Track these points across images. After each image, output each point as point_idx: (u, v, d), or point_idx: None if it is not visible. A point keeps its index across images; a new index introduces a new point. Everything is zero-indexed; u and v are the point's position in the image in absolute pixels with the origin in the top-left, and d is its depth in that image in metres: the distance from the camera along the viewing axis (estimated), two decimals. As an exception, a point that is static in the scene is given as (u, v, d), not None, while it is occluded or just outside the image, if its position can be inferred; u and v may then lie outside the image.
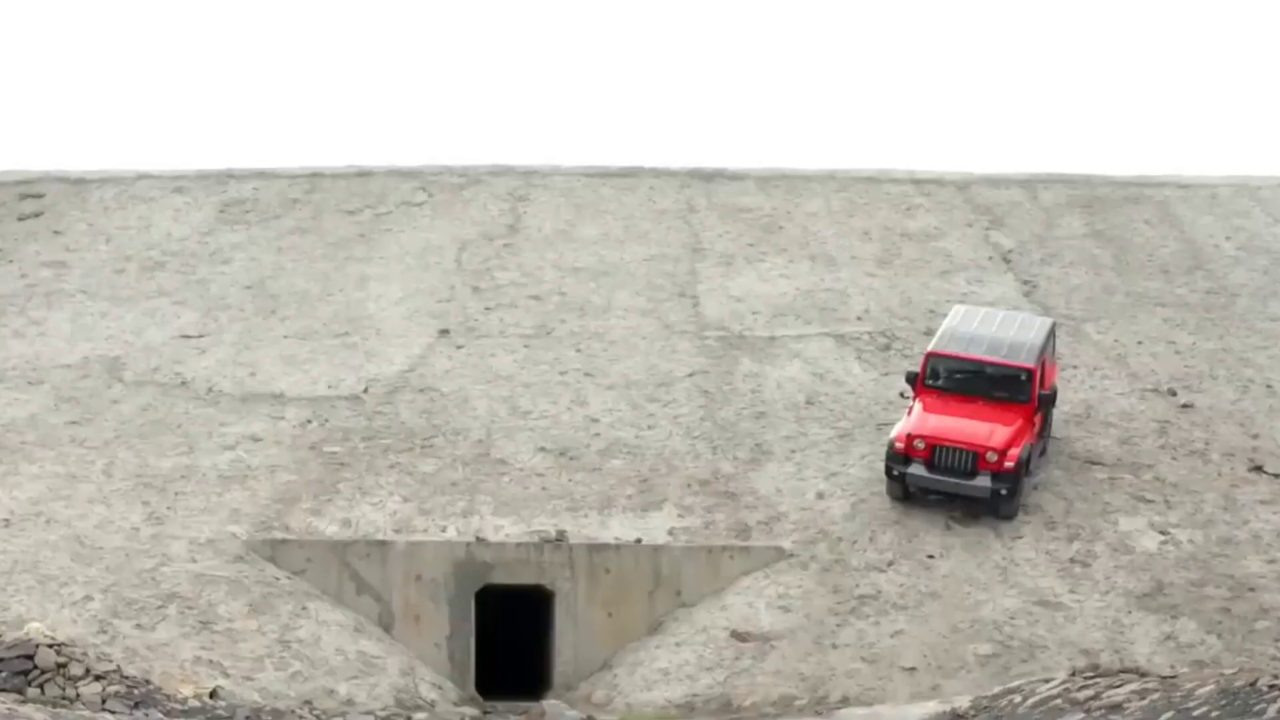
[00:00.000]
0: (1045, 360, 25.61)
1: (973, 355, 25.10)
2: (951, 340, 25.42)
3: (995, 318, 26.38)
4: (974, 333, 25.54)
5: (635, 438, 26.65)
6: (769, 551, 23.73)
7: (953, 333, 25.66)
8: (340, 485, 24.94)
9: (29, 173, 37.82)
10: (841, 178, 38.56)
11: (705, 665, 22.05)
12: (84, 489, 24.51)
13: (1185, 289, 33.60)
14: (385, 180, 37.58)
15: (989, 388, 24.90)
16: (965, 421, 24.40)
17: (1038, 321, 26.58)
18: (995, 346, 25.21)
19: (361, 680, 21.67)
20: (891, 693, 21.00)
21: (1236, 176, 39.70)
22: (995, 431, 24.24)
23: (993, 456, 24.00)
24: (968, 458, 24.09)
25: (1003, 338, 25.41)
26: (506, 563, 23.75)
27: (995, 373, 24.92)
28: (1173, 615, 22.47)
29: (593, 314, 31.50)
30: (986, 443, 24.07)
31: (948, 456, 24.16)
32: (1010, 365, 24.88)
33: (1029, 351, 25.11)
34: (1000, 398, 24.78)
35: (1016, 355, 25.01)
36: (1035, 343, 25.41)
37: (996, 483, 24.01)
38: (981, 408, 24.68)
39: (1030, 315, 27.54)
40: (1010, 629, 22.18)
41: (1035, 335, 25.66)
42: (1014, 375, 24.83)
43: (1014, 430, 24.34)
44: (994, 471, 24.02)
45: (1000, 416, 24.51)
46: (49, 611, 21.19)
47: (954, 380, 25.11)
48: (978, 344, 25.27)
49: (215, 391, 27.80)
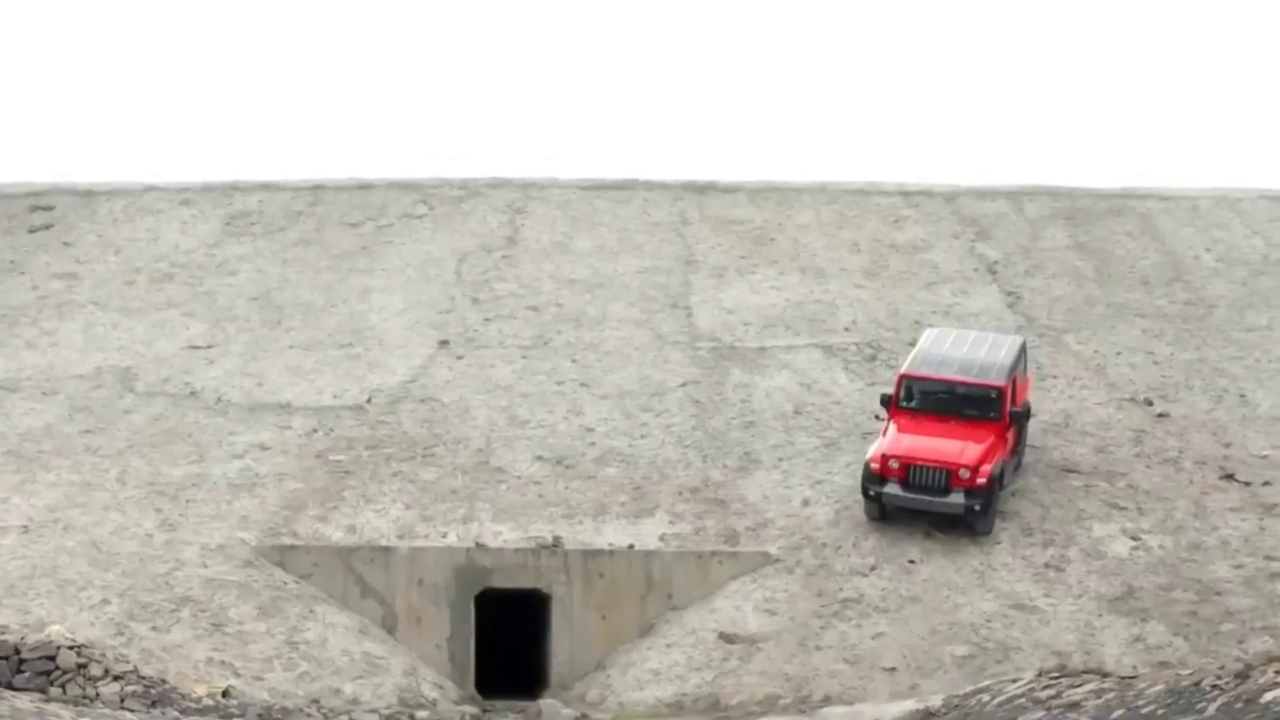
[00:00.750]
0: (1016, 378, 26.26)
1: (944, 376, 25.71)
2: (924, 362, 26.05)
3: (967, 339, 27.00)
4: (945, 354, 26.16)
5: (629, 447, 27.60)
6: (756, 557, 24.66)
7: (925, 355, 26.29)
8: (345, 493, 25.89)
9: (38, 185, 38.76)
10: (832, 190, 39.52)
11: (694, 666, 22.99)
12: (99, 496, 25.45)
13: (1165, 300, 34.53)
14: (386, 193, 38.55)
15: (961, 407, 25.50)
16: (938, 440, 25.00)
17: (1008, 341, 27.21)
18: (966, 367, 25.83)
19: (366, 680, 22.59)
20: (872, 692, 21.94)
21: (1217, 189, 40.64)
22: (967, 449, 24.84)
23: (965, 474, 24.58)
24: (941, 475, 24.66)
25: (973, 358, 26.03)
26: (505, 567, 24.59)
27: (967, 392, 25.52)
28: (1142, 618, 23.42)
29: (588, 325, 32.44)
30: (959, 460, 24.67)
31: (922, 475, 24.72)
32: (981, 384, 25.50)
33: (999, 371, 25.75)
34: (972, 416, 25.38)
35: (987, 375, 25.64)
36: (1005, 362, 26.04)
37: (970, 499, 24.61)
38: (954, 426, 25.28)
39: (1001, 335, 28.14)
40: (986, 631, 23.15)
41: (1005, 355, 26.29)
42: (985, 394, 25.44)
43: (986, 447, 24.97)
44: (967, 488, 24.59)
45: (972, 434, 25.11)
46: (68, 615, 22.11)
47: (927, 401, 25.68)
48: (949, 365, 25.90)
49: (224, 401, 28.75)
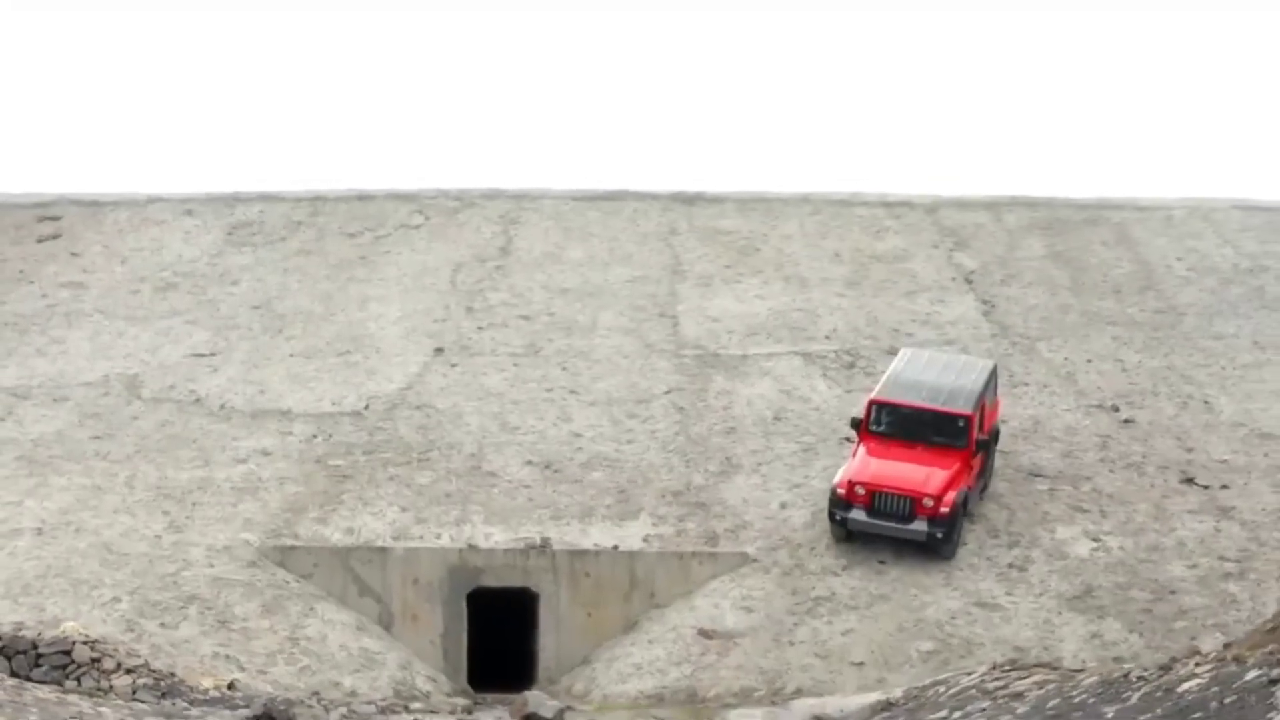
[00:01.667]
0: (984, 404, 26.70)
1: (912, 403, 26.08)
2: (894, 387, 26.47)
3: (938, 362, 27.41)
4: (916, 379, 26.56)
5: (615, 452, 28.81)
6: (735, 557, 25.84)
7: (896, 379, 26.73)
8: (344, 496, 27.08)
9: (46, 195, 39.98)
10: (816, 200, 40.73)
11: (674, 660, 24.19)
12: (109, 500, 26.66)
13: (1136, 308, 35.72)
14: (384, 203, 39.76)
15: (929, 433, 25.82)
16: (904, 467, 25.37)
17: (979, 365, 27.65)
18: (935, 394, 26.21)
19: (364, 674, 23.78)
20: (841, 685, 23.12)
21: (1191, 199, 41.84)
22: (932, 477, 25.24)
23: (929, 502, 25.04)
24: (905, 503, 25.12)
25: (942, 384, 26.39)
26: (495, 567, 25.69)
27: (934, 419, 25.88)
28: (1099, 615, 24.63)
29: (578, 333, 33.64)
30: (923, 489, 25.10)
31: (886, 502, 25.20)
32: (948, 412, 25.89)
33: (966, 398, 26.13)
34: (940, 442, 25.72)
35: (954, 402, 26.02)
36: (974, 389, 26.43)
37: (933, 527, 25.09)
38: (921, 453, 25.64)
39: (973, 359, 28.55)
40: (951, 628, 24.36)
41: (975, 381, 26.70)
42: (952, 421, 25.84)
43: (950, 475, 25.37)
44: (930, 516, 25.09)
45: (938, 461, 25.50)
46: (81, 612, 23.29)
47: (896, 425, 26.03)
48: (918, 391, 26.27)
49: (227, 408, 29.95)
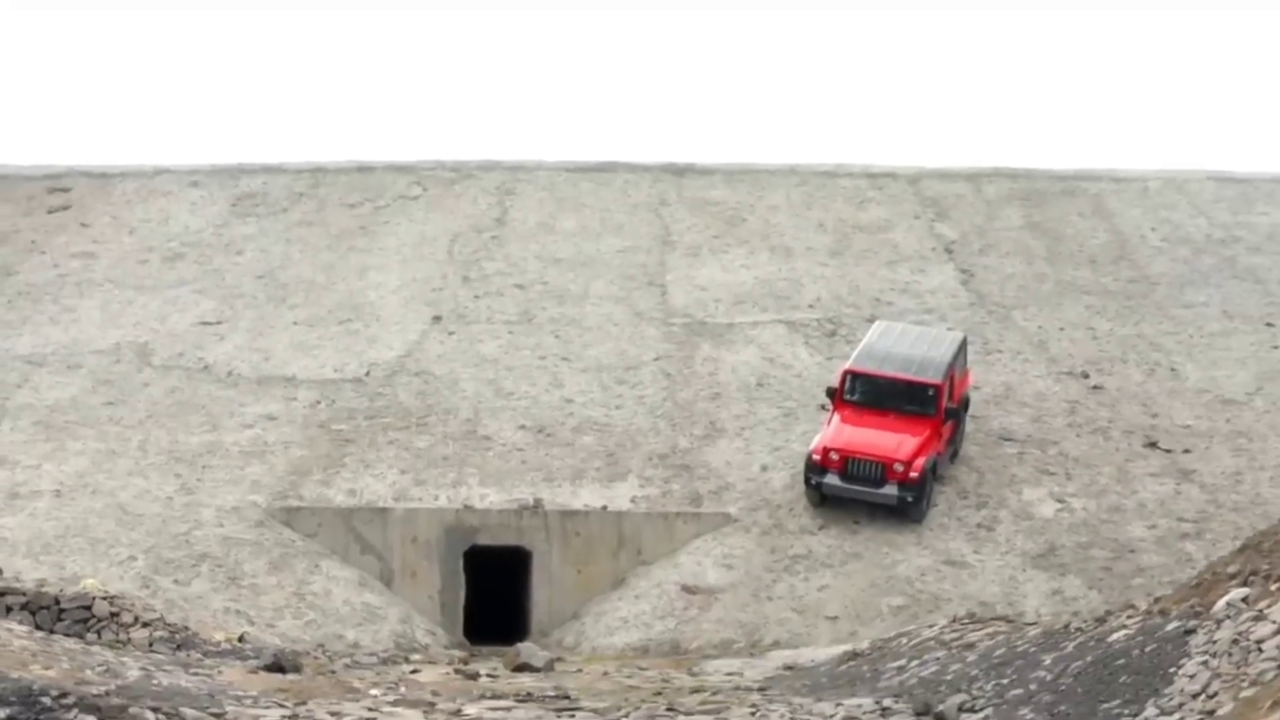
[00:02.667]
0: (954, 374, 27.97)
1: (885, 373, 27.35)
2: (867, 358, 27.76)
3: (910, 334, 28.67)
4: (888, 350, 27.81)
5: (604, 416, 30.15)
6: (717, 517, 27.20)
7: (869, 350, 28.01)
8: (346, 459, 28.43)
9: (56, 167, 41.22)
10: (802, 172, 41.97)
11: (659, 615, 25.58)
12: (123, 463, 28.00)
13: (1110, 278, 37.00)
14: (383, 175, 40.99)
15: (900, 401, 27.08)
16: (876, 434, 26.62)
17: (949, 337, 28.93)
18: (906, 364, 27.47)
19: (366, 627, 25.18)
20: (816, 638, 24.52)
21: (1166, 171, 43.08)
22: (903, 444, 26.51)
23: (900, 467, 26.30)
24: (877, 469, 26.41)
25: (913, 355, 27.65)
26: (490, 527, 26.96)
27: (905, 388, 27.15)
28: (1061, 573, 26.03)
29: (571, 302, 34.92)
30: (894, 455, 26.38)
31: (859, 468, 26.48)
32: (918, 382, 27.18)
33: (936, 369, 27.36)
34: (911, 411, 27.00)
35: (925, 372, 27.28)
36: (943, 359, 27.69)
37: (903, 491, 26.37)
38: (893, 420, 26.88)
39: (943, 331, 29.82)
40: (920, 584, 25.76)
41: (944, 352, 27.93)
42: (922, 390, 27.12)
43: (921, 441, 26.65)
44: (900, 481, 26.35)
45: (909, 428, 26.75)
46: (99, 570, 24.65)
47: (869, 394, 27.30)
48: (890, 361, 27.52)
49: (234, 375, 31.27)
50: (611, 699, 17.82)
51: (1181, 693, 13.53)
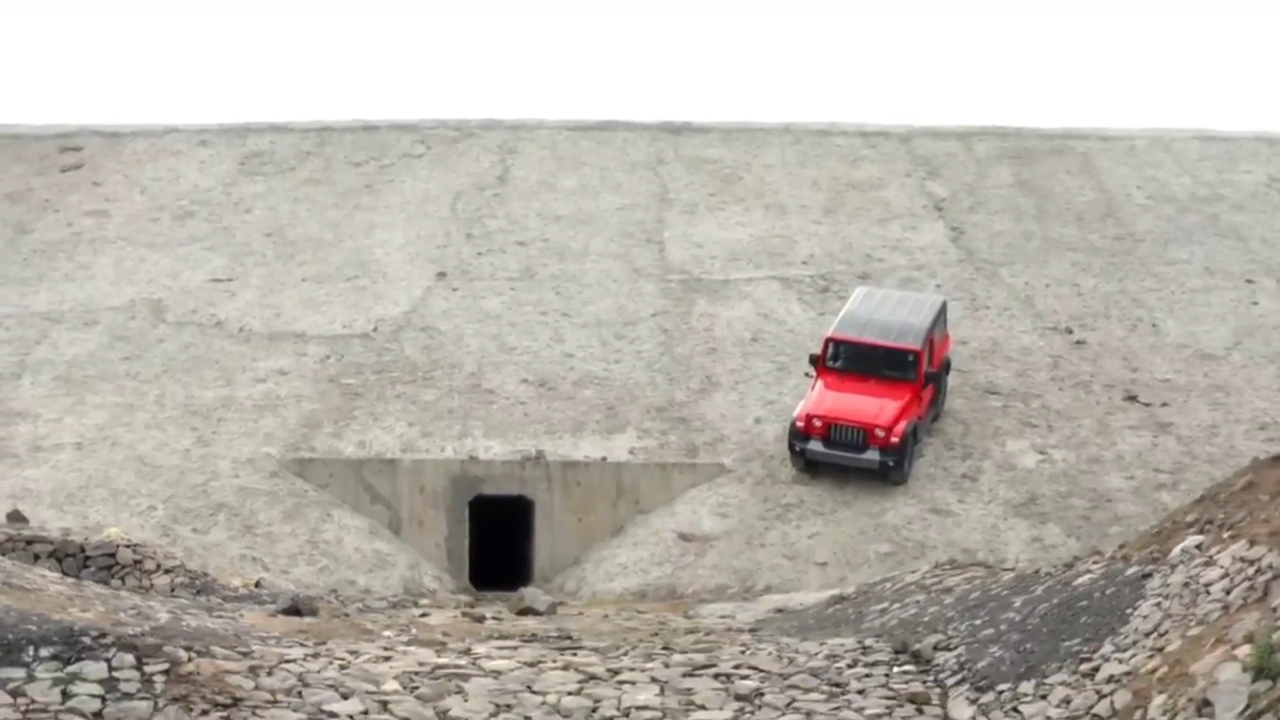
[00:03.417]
0: (933, 339, 28.60)
1: (865, 340, 28.07)
2: (848, 325, 28.50)
3: (891, 300, 29.41)
4: (869, 317, 28.54)
5: (604, 371, 31.23)
6: (713, 468, 28.30)
7: (850, 317, 28.75)
8: (355, 412, 29.52)
9: (68, 126, 42.13)
10: (796, 130, 42.89)
11: (656, 561, 26.75)
12: (141, 417, 29.11)
13: (1096, 235, 37.98)
14: (388, 134, 41.92)
15: (881, 367, 27.80)
16: (857, 400, 27.37)
17: (929, 301, 29.64)
18: (886, 330, 28.21)
19: (376, 573, 26.34)
20: (806, 583, 25.68)
21: (1153, 129, 43.92)
22: (884, 409, 27.24)
23: (881, 433, 27.02)
24: (859, 434, 27.12)
25: (893, 321, 28.37)
26: (494, 477, 28.01)
27: (885, 354, 27.84)
28: (1041, 521, 27.18)
29: (571, 259, 35.94)
30: (875, 421, 27.08)
31: (842, 433, 27.18)
32: (898, 348, 27.91)
33: (916, 334, 28.04)
34: (891, 376, 27.70)
35: (904, 338, 27.97)
36: (923, 325, 28.27)
37: (884, 455, 27.10)
38: (874, 386, 27.60)
39: (924, 296, 30.58)
40: (907, 532, 26.92)
41: (924, 317, 28.65)
42: (902, 356, 27.85)
43: (901, 406, 27.39)
44: (882, 446, 27.10)
45: (890, 394, 27.48)
46: (121, 519, 25.80)
47: (850, 361, 28.03)
48: (870, 328, 28.20)
49: (246, 331, 32.33)
50: (611, 639, 18.97)
51: (1136, 631, 14.67)
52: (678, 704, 15.85)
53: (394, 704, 15.87)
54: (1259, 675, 12.43)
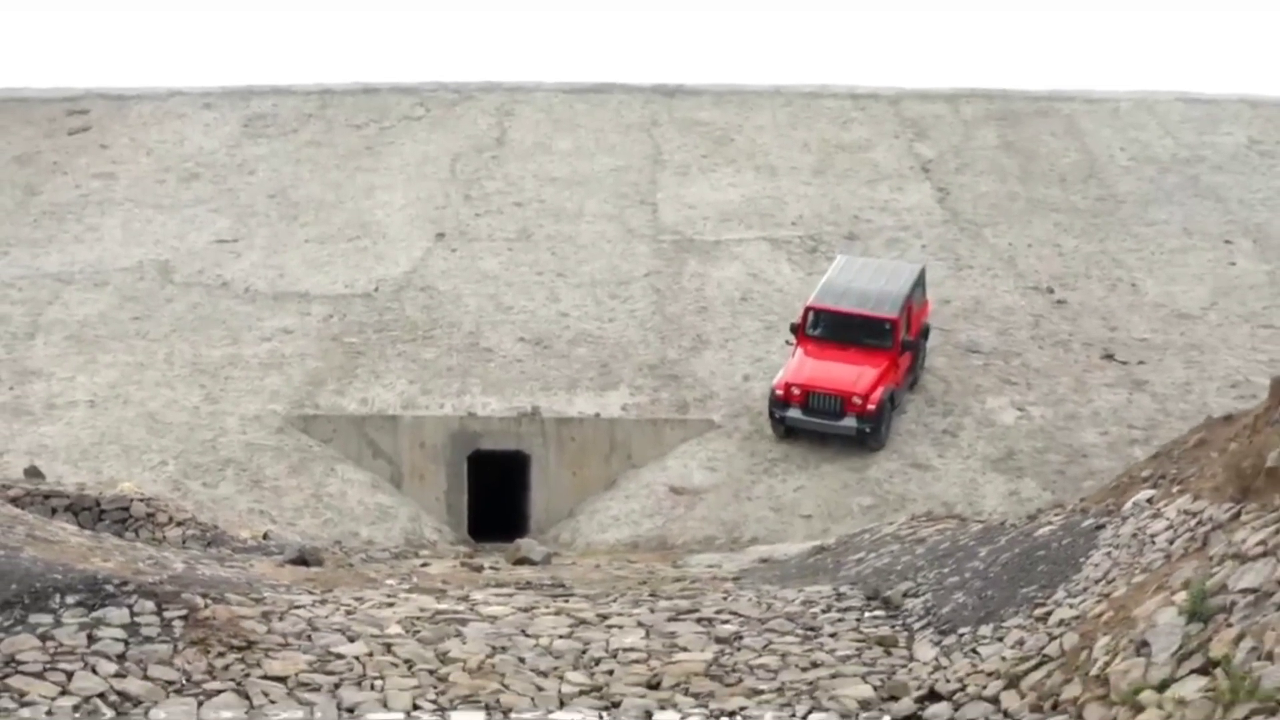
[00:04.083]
0: (911, 307, 29.21)
1: (843, 309, 28.74)
2: (828, 294, 29.11)
3: (870, 268, 30.05)
4: (847, 286, 29.19)
5: (598, 329, 32.24)
6: (702, 423, 29.34)
7: (829, 286, 29.42)
8: (358, 370, 30.56)
9: (75, 89, 43.02)
10: (787, 92, 43.80)
11: (648, 513, 27.83)
12: (151, 375, 30.14)
13: (1078, 196, 38.94)
14: (388, 96, 42.83)
15: (859, 335, 28.46)
16: (835, 368, 28.06)
17: (907, 270, 30.27)
18: (863, 299, 28.77)
19: (379, 525, 27.42)
20: (791, 534, 26.76)
21: (1137, 92, 44.86)
22: (861, 377, 27.95)
23: (857, 400, 27.78)
24: (836, 402, 27.87)
25: (871, 290, 28.93)
26: (492, 432, 29.00)
27: (863, 323, 28.52)
28: (1018, 476, 28.24)
29: (566, 220, 36.90)
30: (852, 389, 27.83)
31: (820, 401, 27.93)
32: (875, 317, 28.57)
33: (892, 303, 28.71)
34: (869, 344, 28.39)
35: (881, 307, 28.63)
36: (900, 293, 28.92)
37: (861, 423, 27.87)
38: (853, 354, 28.28)
39: (903, 264, 31.25)
40: (888, 486, 27.99)
41: (902, 285, 29.19)
42: (879, 324, 28.51)
43: (878, 374, 28.10)
44: (859, 414, 27.86)
45: (867, 361, 28.17)
46: (134, 474, 26.84)
47: (829, 329, 28.69)
48: (849, 297, 28.87)
49: (251, 291, 33.33)
50: (601, 587, 20.08)
51: (1086, 579, 15.76)
52: (662, 646, 16.94)
53: (397, 646, 16.95)
54: (1192, 618, 13.50)
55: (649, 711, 15.83)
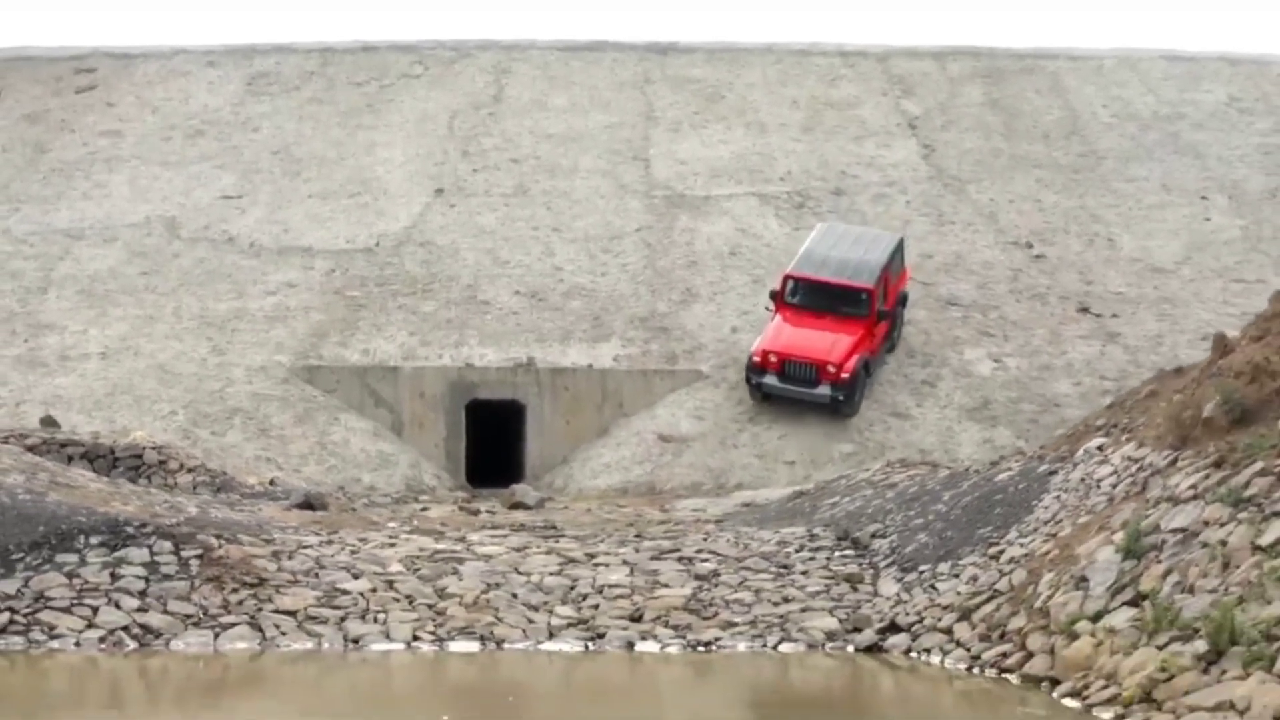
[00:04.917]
0: (888, 277, 29.74)
1: (821, 278, 29.19)
2: (806, 263, 29.60)
3: (850, 237, 30.57)
4: (826, 255, 29.60)
5: (591, 283, 33.33)
6: (690, 374, 30.42)
7: (809, 255, 29.95)
8: (360, 323, 31.66)
9: (81, 48, 43.85)
10: (778, 50, 44.60)
11: (638, 460, 29.01)
12: (160, 328, 31.27)
13: (1060, 153, 39.85)
14: (387, 54, 43.65)
15: (837, 304, 28.97)
16: (811, 335, 28.53)
17: (885, 239, 30.67)
18: (841, 268, 29.25)
19: (380, 472, 28.60)
20: (775, 480, 27.96)
21: (1121, 49, 45.58)
22: (836, 345, 28.42)
23: (832, 368, 28.26)
24: (811, 370, 28.37)
25: (849, 259, 29.40)
26: (489, 382, 30.08)
27: (840, 292, 28.98)
28: (993, 424, 29.43)
29: (561, 176, 37.87)
30: (826, 357, 28.30)
31: (795, 369, 28.44)
32: (852, 286, 29.05)
33: (869, 273, 29.20)
34: (846, 313, 28.85)
35: (858, 276, 29.10)
36: (877, 263, 29.42)
37: (835, 390, 28.37)
38: (829, 322, 28.72)
39: (882, 233, 31.68)
40: (869, 434, 29.18)
41: (879, 255, 29.67)
42: (855, 294, 28.98)
43: (853, 343, 28.59)
44: (833, 381, 28.36)
45: (843, 329, 28.63)
46: (145, 423, 28.00)
47: (807, 298, 29.19)
48: (827, 266, 29.32)
49: (256, 246, 34.40)
50: (590, 529, 21.35)
51: (1037, 520, 17.00)
52: (644, 583, 18.22)
53: (399, 583, 18.25)
54: (1127, 556, 14.75)
55: (631, 642, 17.13)
